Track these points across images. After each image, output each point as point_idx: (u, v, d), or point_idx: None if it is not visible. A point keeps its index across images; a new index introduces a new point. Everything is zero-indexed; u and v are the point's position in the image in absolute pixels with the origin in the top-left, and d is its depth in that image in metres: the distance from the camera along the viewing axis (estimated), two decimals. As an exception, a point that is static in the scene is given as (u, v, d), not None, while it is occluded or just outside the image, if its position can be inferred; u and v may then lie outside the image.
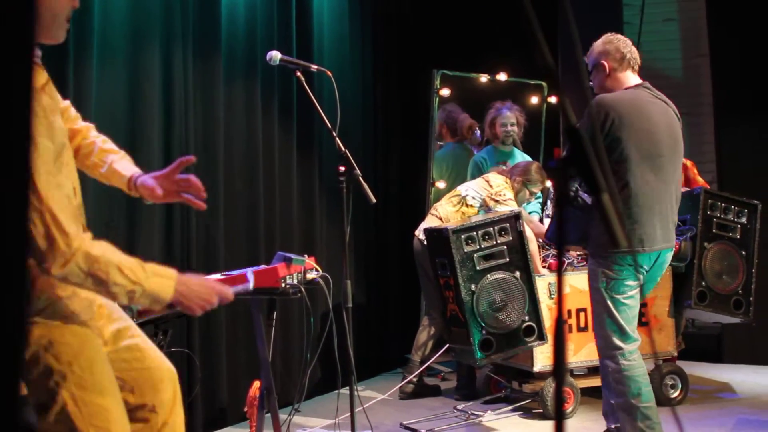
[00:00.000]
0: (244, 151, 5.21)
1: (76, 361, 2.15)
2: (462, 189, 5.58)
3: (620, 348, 3.78)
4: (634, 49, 3.95)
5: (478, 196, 5.45)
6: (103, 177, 2.58)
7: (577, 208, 3.84)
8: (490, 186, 5.42)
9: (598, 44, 3.98)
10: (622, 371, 3.77)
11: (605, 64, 3.91)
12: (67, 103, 2.52)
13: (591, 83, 4.03)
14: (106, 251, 2.14)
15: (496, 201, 5.33)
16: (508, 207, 5.23)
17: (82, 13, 4.05)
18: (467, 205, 5.48)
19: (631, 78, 3.92)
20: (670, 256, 4.00)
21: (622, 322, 3.78)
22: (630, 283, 3.79)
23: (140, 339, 2.47)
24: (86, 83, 4.16)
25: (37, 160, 2.01)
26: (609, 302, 3.78)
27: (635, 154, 3.73)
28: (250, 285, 2.57)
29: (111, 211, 4.22)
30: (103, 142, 2.61)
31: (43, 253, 2.02)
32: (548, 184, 5.80)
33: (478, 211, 5.42)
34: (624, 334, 3.79)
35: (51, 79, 2.26)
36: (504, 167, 5.83)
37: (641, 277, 3.84)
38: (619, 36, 3.98)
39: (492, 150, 6.19)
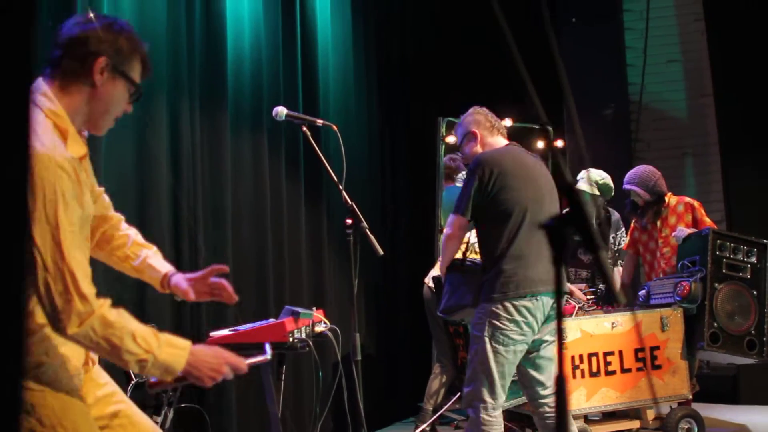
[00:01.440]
0: (252, 203, 5.24)
1: (60, 425, 2.12)
2: (469, 234, 5.57)
3: (485, 402, 3.75)
4: (499, 120, 4.27)
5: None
6: (133, 270, 2.60)
7: (466, 272, 3.91)
8: None
9: (466, 116, 4.27)
10: (482, 426, 3.75)
11: (476, 132, 4.16)
12: (102, 189, 2.54)
13: (461, 154, 4.36)
14: (122, 317, 2.13)
15: None
16: None
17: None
18: (475, 252, 5.46)
19: (501, 141, 4.17)
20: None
21: (495, 376, 3.74)
22: (514, 336, 3.74)
23: (125, 406, 2.43)
24: (94, 138, 4.20)
25: (64, 219, 2.02)
26: (489, 353, 3.74)
27: (522, 201, 3.83)
28: (268, 355, 2.55)
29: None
30: (135, 234, 2.65)
31: (60, 312, 2.02)
32: None
33: None
34: (493, 391, 3.76)
35: None
36: None
37: (529, 332, 3.78)
38: (485, 108, 4.29)
39: None
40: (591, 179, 5.97)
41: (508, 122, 6.83)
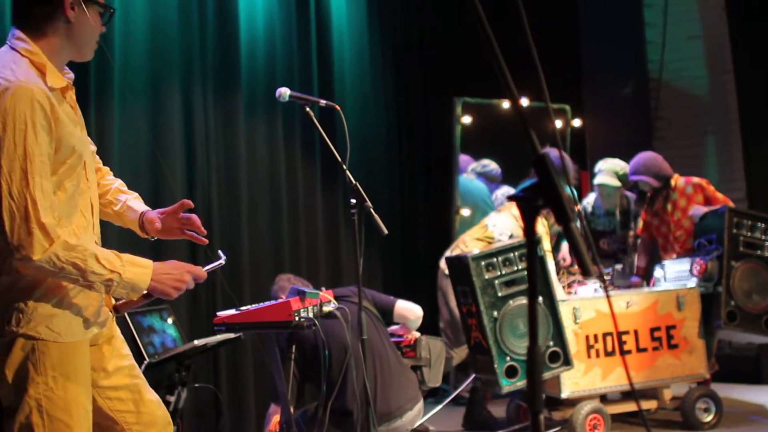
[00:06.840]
0: (267, 185, 5.27)
1: (51, 374, 2.18)
2: (489, 224, 5.45)
3: None
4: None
5: (506, 234, 5.32)
6: (116, 216, 2.65)
7: None
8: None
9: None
10: None
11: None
12: (93, 147, 2.59)
13: None
14: (84, 241, 2.18)
15: None
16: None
17: (101, 58, 4.16)
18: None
19: None
20: None
21: None
22: None
23: (140, 381, 2.51)
24: (108, 124, 4.26)
25: (34, 149, 2.08)
26: None
27: None
28: (222, 260, 2.66)
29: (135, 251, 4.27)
30: (120, 184, 2.69)
31: (22, 241, 2.08)
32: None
33: None
34: None
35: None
36: None
37: None
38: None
39: None
40: (613, 171, 5.97)
41: (524, 102, 6.80)
